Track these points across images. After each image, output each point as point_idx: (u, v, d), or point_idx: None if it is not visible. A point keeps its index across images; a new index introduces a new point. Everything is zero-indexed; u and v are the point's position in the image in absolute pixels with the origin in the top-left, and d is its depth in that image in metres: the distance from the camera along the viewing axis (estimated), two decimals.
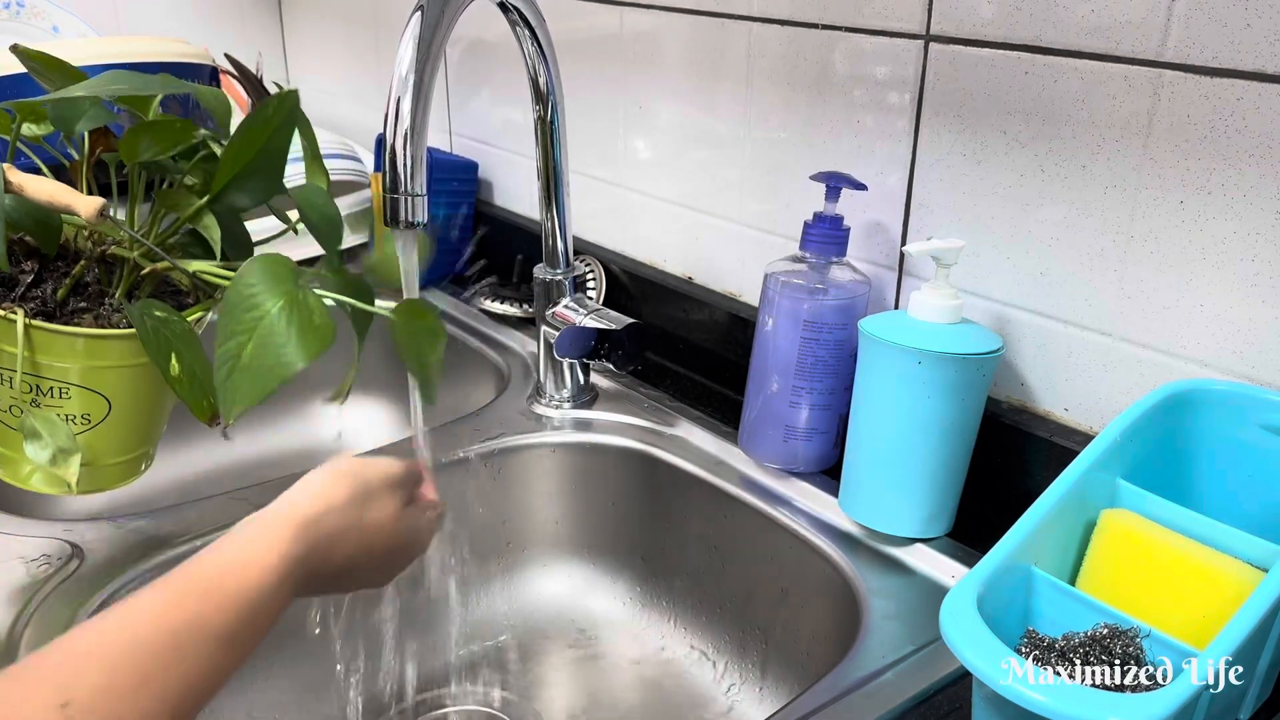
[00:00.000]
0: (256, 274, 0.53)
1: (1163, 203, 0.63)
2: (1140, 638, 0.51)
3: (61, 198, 0.56)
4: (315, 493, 0.52)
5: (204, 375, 0.57)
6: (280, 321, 0.52)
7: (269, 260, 0.54)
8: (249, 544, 0.47)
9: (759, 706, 0.78)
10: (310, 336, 0.52)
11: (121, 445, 0.65)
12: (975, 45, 0.69)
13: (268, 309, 0.52)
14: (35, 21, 1.27)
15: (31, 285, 0.61)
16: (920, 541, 0.71)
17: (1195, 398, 0.60)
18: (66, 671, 0.38)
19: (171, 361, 0.56)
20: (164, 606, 0.43)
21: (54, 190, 0.56)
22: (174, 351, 0.56)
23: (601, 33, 0.98)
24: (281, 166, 0.59)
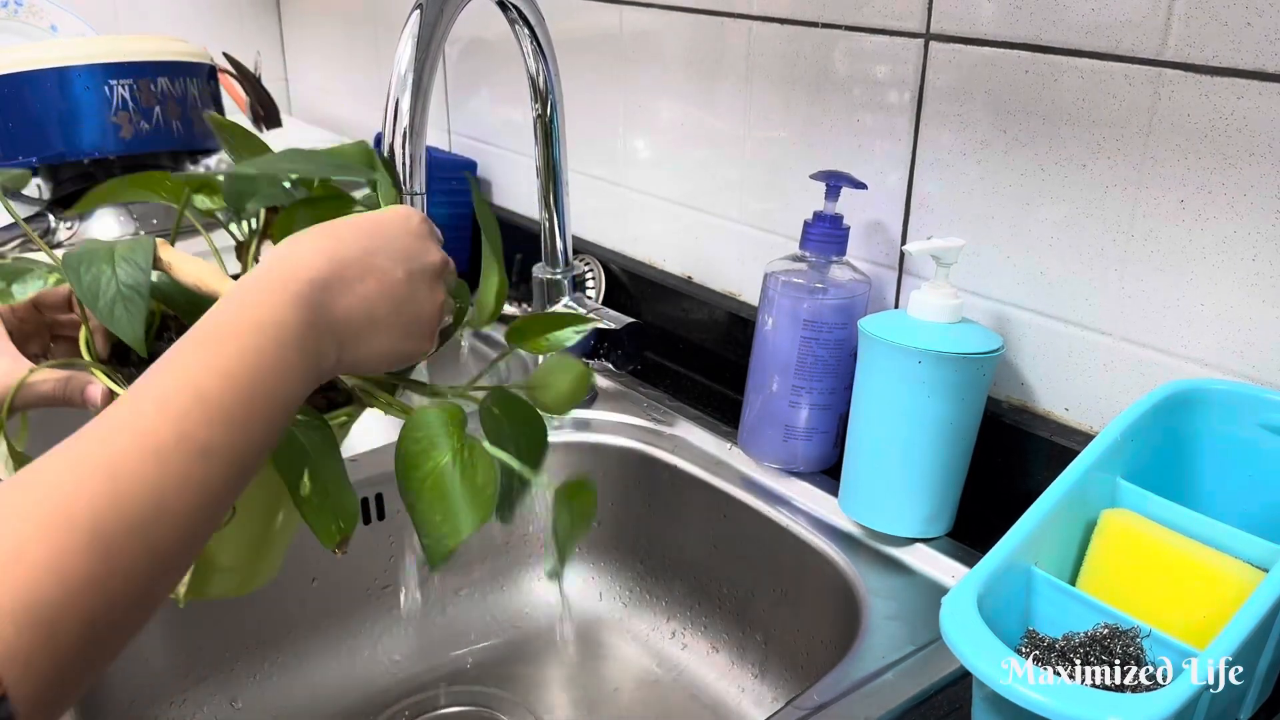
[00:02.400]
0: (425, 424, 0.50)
1: (1163, 202, 0.62)
2: (1140, 638, 0.51)
3: (208, 282, 0.52)
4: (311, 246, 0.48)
5: (337, 494, 0.51)
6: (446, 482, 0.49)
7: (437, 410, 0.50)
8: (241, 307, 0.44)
9: (759, 706, 0.78)
10: (474, 500, 0.48)
11: (242, 553, 0.59)
12: (975, 44, 0.69)
13: (432, 466, 0.49)
14: (34, 20, 1.27)
15: None
16: (920, 541, 0.70)
17: (1195, 397, 0.60)
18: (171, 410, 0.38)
19: (304, 478, 0.51)
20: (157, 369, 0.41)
21: (201, 272, 0.52)
22: (308, 466, 0.51)
23: (601, 31, 0.98)
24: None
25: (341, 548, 0.51)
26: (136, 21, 1.46)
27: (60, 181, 1.08)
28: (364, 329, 0.48)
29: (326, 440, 0.52)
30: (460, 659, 0.85)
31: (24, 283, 0.52)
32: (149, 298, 0.48)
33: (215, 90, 1.12)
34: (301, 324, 0.44)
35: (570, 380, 0.58)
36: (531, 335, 0.57)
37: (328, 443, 0.52)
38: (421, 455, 0.49)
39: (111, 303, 0.47)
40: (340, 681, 0.81)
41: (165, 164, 1.11)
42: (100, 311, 0.47)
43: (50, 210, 1.05)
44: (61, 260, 0.48)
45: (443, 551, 0.48)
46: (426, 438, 0.49)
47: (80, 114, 1.00)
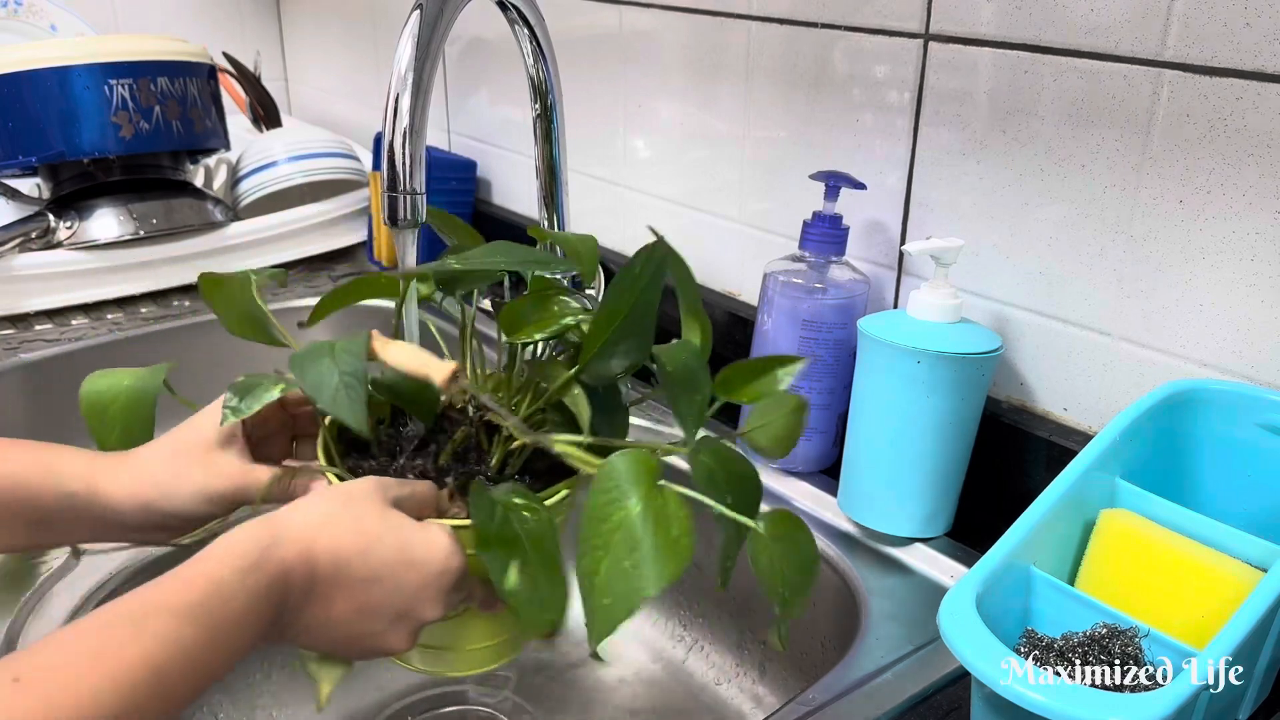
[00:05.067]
0: (615, 476, 0.46)
1: (1162, 202, 0.62)
2: (1139, 638, 0.51)
3: (417, 365, 0.52)
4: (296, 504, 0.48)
5: (548, 586, 0.48)
6: (635, 532, 0.44)
7: (631, 458, 0.46)
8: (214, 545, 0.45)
9: (759, 707, 0.78)
10: (668, 552, 0.44)
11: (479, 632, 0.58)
12: (975, 44, 0.69)
13: (620, 518, 0.45)
14: (34, 20, 1.27)
15: (415, 451, 0.56)
16: (919, 541, 0.70)
17: (1195, 397, 0.60)
18: (23, 654, 0.38)
19: (510, 571, 0.47)
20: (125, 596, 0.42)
21: (410, 357, 0.52)
22: (518, 558, 0.48)
23: (601, 31, 0.98)
24: (652, 324, 0.51)
25: (551, 637, 0.48)
26: (136, 21, 1.46)
27: (60, 181, 1.08)
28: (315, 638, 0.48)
29: (544, 526, 0.49)
30: None
31: (254, 397, 0.53)
32: (365, 383, 0.49)
33: (215, 90, 1.12)
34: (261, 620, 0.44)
35: (787, 417, 0.53)
36: (737, 385, 0.52)
37: (545, 529, 0.49)
38: (610, 506, 0.45)
39: (334, 392, 0.48)
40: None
41: (165, 163, 1.11)
42: (324, 401, 0.48)
43: (50, 210, 1.05)
44: (290, 361, 0.50)
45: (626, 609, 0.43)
46: (616, 487, 0.46)
47: (80, 114, 1.00)
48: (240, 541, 0.45)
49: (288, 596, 0.45)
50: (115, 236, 1.05)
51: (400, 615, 0.48)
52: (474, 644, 0.58)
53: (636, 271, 0.49)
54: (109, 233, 1.05)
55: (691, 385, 0.51)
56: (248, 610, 0.43)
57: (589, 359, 0.52)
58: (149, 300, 1.11)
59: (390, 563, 0.47)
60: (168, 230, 1.08)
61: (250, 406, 0.53)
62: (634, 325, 0.51)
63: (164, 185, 1.10)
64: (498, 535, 0.48)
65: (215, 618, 0.42)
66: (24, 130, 1.00)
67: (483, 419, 0.56)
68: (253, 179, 1.18)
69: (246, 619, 0.43)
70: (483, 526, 0.48)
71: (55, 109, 1.00)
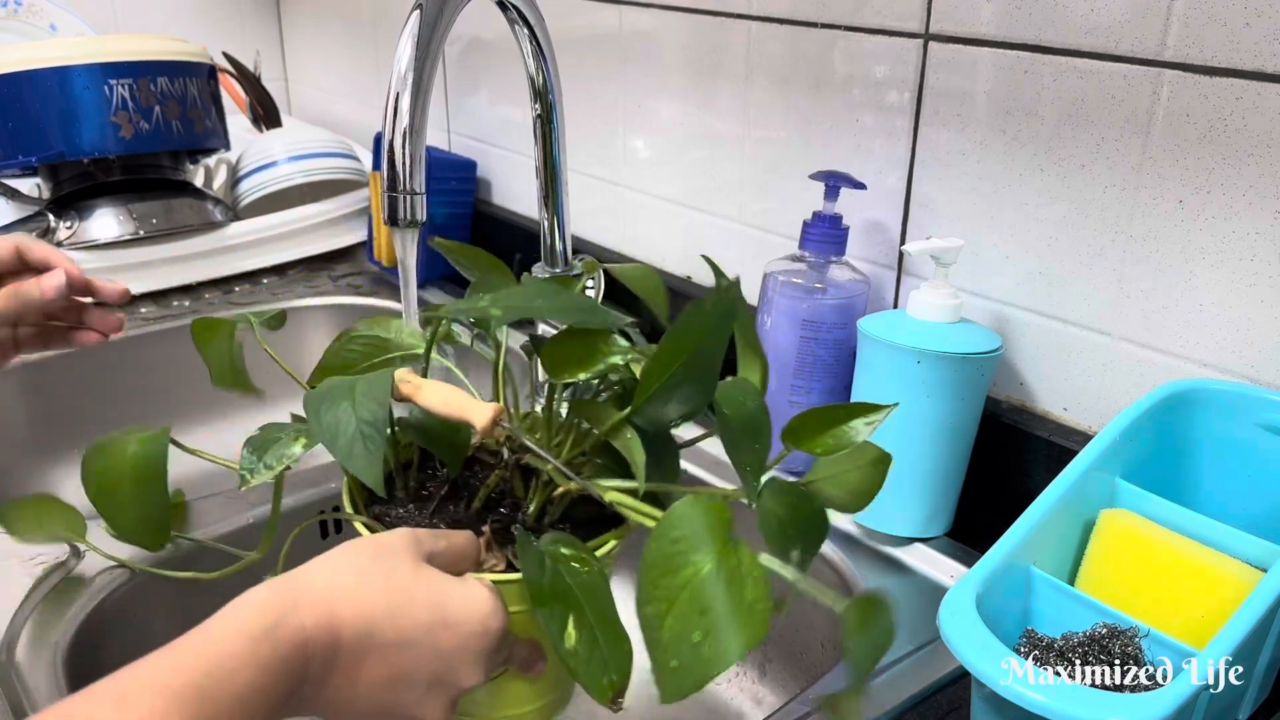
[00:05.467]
0: (681, 523, 0.42)
1: (1162, 202, 0.62)
2: (1139, 638, 0.51)
3: (456, 408, 0.48)
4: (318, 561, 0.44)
5: (609, 642, 0.44)
6: (706, 593, 0.40)
7: (701, 504, 0.42)
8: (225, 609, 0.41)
9: (758, 707, 0.78)
10: (742, 620, 0.39)
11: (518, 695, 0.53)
12: (975, 44, 0.69)
13: (690, 574, 0.40)
14: (33, 20, 1.27)
15: (446, 498, 0.53)
16: (919, 541, 0.70)
17: (1194, 397, 0.60)
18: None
19: (569, 629, 0.43)
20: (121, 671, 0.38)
21: (448, 397, 0.48)
22: (573, 614, 0.44)
23: (600, 31, 0.98)
24: (716, 370, 0.46)
25: (616, 704, 0.44)
26: (136, 21, 1.46)
27: (60, 181, 1.08)
28: (340, 713, 0.43)
29: (596, 580, 0.45)
30: None
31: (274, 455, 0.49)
32: (386, 434, 0.44)
33: (215, 90, 1.12)
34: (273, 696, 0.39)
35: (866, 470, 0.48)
36: (807, 435, 0.48)
37: (598, 583, 0.45)
38: (678, 559, 0.41)
39: (350, 442, 0.44)
40: None
41: (165, 163, 1.11)
42: (339, 451, 0.44)
43: (50, 210, 1.05)
44: (305, 402, 0.45)
45: (696, 679, 0.39)
46: (685, 538, 0.41)
47: (80, 114, 1.00)
48: (252, 604, 0.40)
49: (308, 667, 0.40)
50: (115, 236, 1.05)
51: (436, 682, 0.43)
52: (512, 709, 0.53)
53: (706, 311, 0.45)
54: (109, 233, 1.05)
55: (754, 433, 0.47)
56: (257, 685, 0.38)
57: (644, 401, 0.47)
58: (148, 300, 1.11)
59: (424, 624, 0.43)
60: (167, 230, 1.08)
61: (271, 467, 0.48)
62: (698, 369, 0.46)
63: (164, 185, 1.10)
64: (551, 590, 0.43)
65: (214, 697, 0.37)
66: (24, 130, 1.00)
67: (518, 462, 0.52)
68: (253, 179, 1.18)
69: (255, 696, 0.38)
70: (533, 581, 0.44)
71: (55, 109, 1.00)
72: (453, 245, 0.60)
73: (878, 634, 0.43)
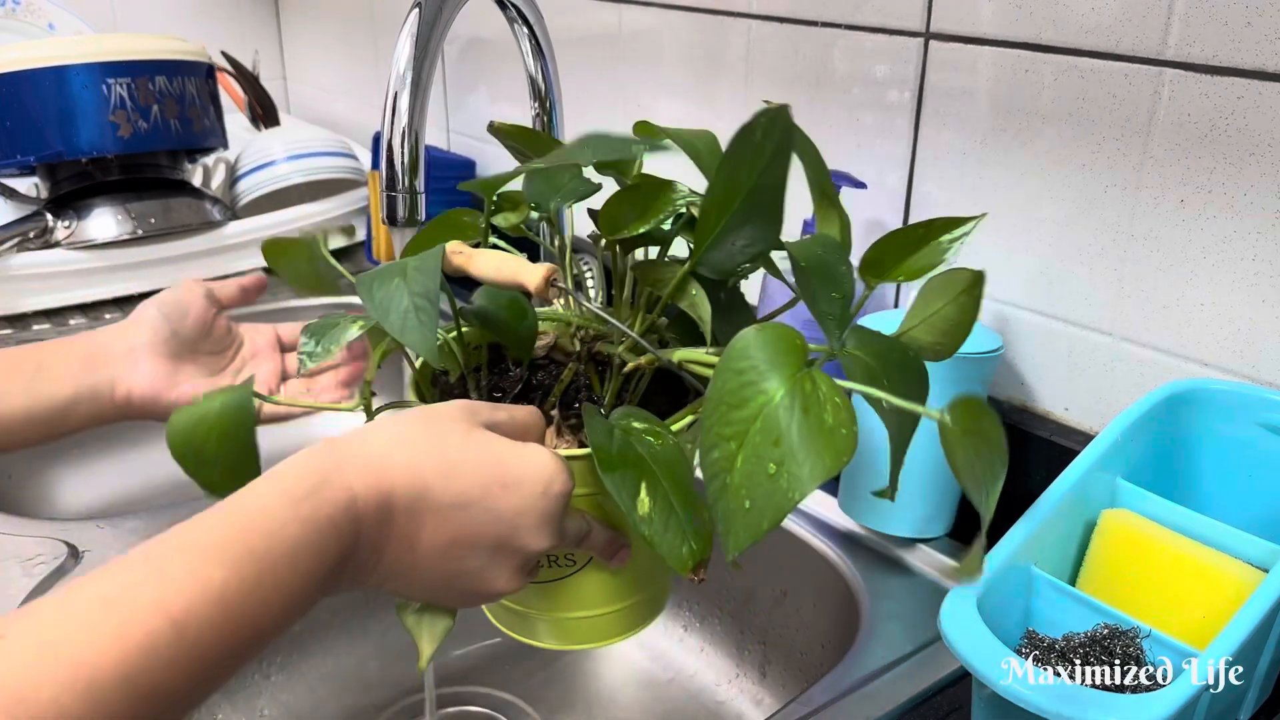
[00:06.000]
0: (749, 352, 0.38)
1: (1163, 201, 0.62)
2: (1140, 638, 0.51)
3: (508, 271, 0.46)
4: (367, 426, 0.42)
5: (686, 510, 0.41)
6: (779, 422, 0.36)
7: (769, 332, 0.39)
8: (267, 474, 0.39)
9: (759, 707, 0.77)
10: (822, 444, 0.36)
11: (603, 593, 0.50)
12: (975, 43, 0.69)
13: (761, 403, 0.37)
14: (31, 19, 1.27)
15: (519, 396, 0.50)
16: (920, 541, 0.70)
17: (1196, 397, 0.60)
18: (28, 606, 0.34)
19: (641, 495, 0.41)
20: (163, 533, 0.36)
21: (500, 263, 0.46)
22: (644, 480, 0.41)
23: (600, 30, 0.98)
24: (780, 208, 0.42)
25: (699, 573, 0.41)
26: (134, 20, 1.46)
27: (58, 180, 1.07)
28: (405, 581, 0.41)
29: (671, 449, 0.43)
30: (461, 659, 0.85)
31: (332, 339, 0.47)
32: (438, 304, 0.42)
33: (213, 89, 1.11)
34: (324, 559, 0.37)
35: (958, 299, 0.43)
36: (890, 264, 0.43)
37: (673, 452, 0.42)
38: (747, 390, 0.37)
39: (404, 315, 0.41)
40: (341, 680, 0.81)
41: (163, 163, 1.10)
42: (392, 325, 0.41)
43: (48, 209, 1.05)
44: (357, 283, 0.44)
45: (773, 514, 0.36)
46: (752, 368, 0.38)
47: (78, 113, 1.00)
48: (295, 465, 0.39)
49: (359, 529, 0.38)
50: (113, 236, 1.05)
51: (500, 546, 0.41)
52: (597, 609, 0.50)
53: (758, 139, 0.40)
54: (107, 232, 1.05)
55: (832, 278, 0.43)
56: (303, 546, 0.36)
57: (705, 247, 0.43)
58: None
59: (483, 482, 0.40)
60: (166, 230, 1.08)
61: (329, 350, 0.47)
62: (758, 205, 0.42)
63: (162, 185, 1.10)
64: (620, 457, 0.41)
65: (256, 556, 0.35)
66: (22, 130, 1.00)
67: (591, 353, 0.50)
68: (251, 178, 1.18)
69: (302, 557, 0.36)
70: (601, 448, 0.41)
71: (53, 108, 0.99)
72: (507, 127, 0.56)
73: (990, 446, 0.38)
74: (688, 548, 0.41)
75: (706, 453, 0.37)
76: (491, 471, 0.41)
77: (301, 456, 0.39)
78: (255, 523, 0.36)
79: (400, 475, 0.39)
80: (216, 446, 0.48)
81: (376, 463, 0.39)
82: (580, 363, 0.49)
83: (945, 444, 0.38)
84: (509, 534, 0.41)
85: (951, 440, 0.38)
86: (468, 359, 0.51)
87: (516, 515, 0.41)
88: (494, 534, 0.41)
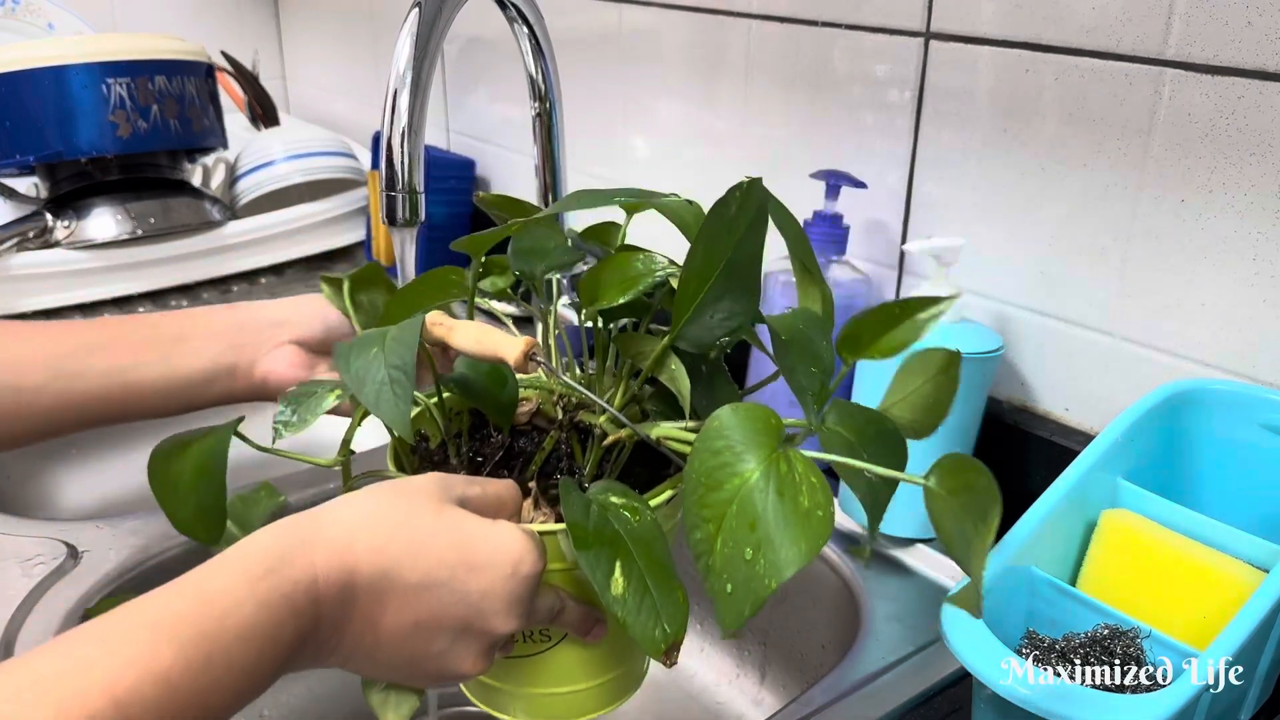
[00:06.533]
0: (724, 431, 0.38)
1: (1164, 201, 0.62)
2: (1140, 638, 0.51)
3: (488, 344, 0.45)
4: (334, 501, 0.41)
5: (662, 591, 0.40)
6: (755, 505, 0.36)
7: (744, 411, 0.38)
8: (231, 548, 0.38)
9: (759, 707, 0.77)
10: (798, 529, 0.36)
11: (578, 669, 0.49)
12: (976, 43, 0.69)
13: (736, 485, 0.37)
14: (30, 19, 1.27)
15: (500, 463, 0.49)
16: (920, 542, 0.70)
17: (1196, 397, 0.60)
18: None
19: (615, 574, 0.40)
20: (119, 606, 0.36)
21: (480, 335, 0.46)
22: (620, 558, 0.40)
23: (600, 30, 0.98)
24: (756, 280, 0.42)
25: (671, 656, 0.40)
26: (134, 20, 1.46)
27: (58, 180, 1.07)
28: (368, 661, 0.40)
29: (649, 526, 0.42)
30: None
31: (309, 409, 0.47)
32: (414, 377, 0.41)
33: (213, 89, 1.11)
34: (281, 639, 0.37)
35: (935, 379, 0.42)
36: (867, 341, 0.43)
37: (651, 530, 0.41)
38: (722, 471, 0.37)
39: (378, 387, 0.41)
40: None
41: (163, 163, 1.10)
42: (366, 397, 0.41)
43: (47, 209, 1.05)
44: (334, 351, 0.43)
45: (752, 600, 0.36)
46: (728, 448, 0.37)
47: (77, 113, 1.00)
48: (259, 542, 0.38)
49: (319, 610, 0.38)
50: (113, 236, 1.05)
51: (465, 628, 0.41)
52: (572, 685, 0.49)
53: (733, 213, 0.40)
54: (106, 232, 1.05)
55: (811, 353, 0.43)
56: (257, 628, 0.35)
57: (684, 321, 0.43)
58: (146, 300, 1.10)
59: (448, 564, 0.40)
60: (165, 230, 1.08)
61: (305, 420, 0.46)
62: (735, 278, 0.41)
63: (162, 184, 1.10)
64: (596, 534, 0.40)
65: (209, 637, 0.34)
66: (21, 129, 1.00)
67: (573, 422, 0.49)
68: (251, 178, 1.18)
69: (258, 636, 0.35)
70: (576, 524, 0.40)
71: (53, 108, 0.99)
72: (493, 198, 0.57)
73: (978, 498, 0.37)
74: (660, 630, 0.40)
75: (689, 532, 0.37)
76: (459, 553, 0.40)
77: (268, 531, 0.39)
78: (211, 601, 0.35)
79: (365, 554, 0.39)
80: (191, 481, 0.48)
81: (342, 541, 0.39)
82: (562, 431, 0.49)
83: (931, 509, 0.38)
84: (475, 616, 0.40)
85: (939, 504, 0.38)
86: (449, 425, 0.50)
87: (483, 598, 0.40)
88: (460, 616, 0.40)
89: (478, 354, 0.46)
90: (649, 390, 0.49)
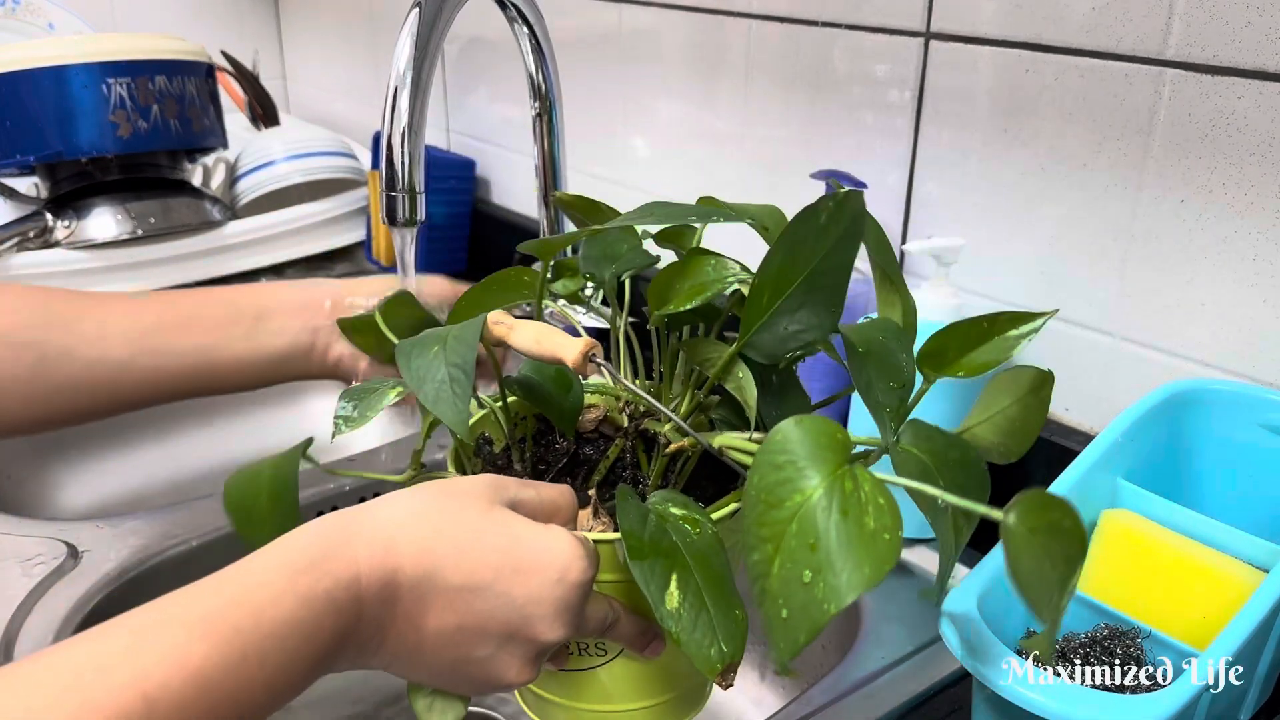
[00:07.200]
0: (787, 445, 0.35)
1: (1164, 201, 0.62)
2: (1141, 638, 0.51)
3: (548, 345, 0.44)
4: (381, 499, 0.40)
5: (719, 608, 0.38)
6: (816, 524, 0.34)
7: (808, 424, 0.36)
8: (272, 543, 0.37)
9: (759, 707, 0.77)
10: (861, 551, 0.34)
11: (634, 686, 0.47)
12: (976, 43, 0.69)
13: (798, 502, 0.34)
14: (31, 18, 1.27)
15: (562, 470, 0.48)
16: (920, 542, 0.70)
17: (1196, 397, 0.60)
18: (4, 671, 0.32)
19: (670, 587, 0.38)
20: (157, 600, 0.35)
21: (540, 335, 0.44)
22: (676, 571, 0.38)
23: (600, 30, 0.98)
24: (842, 294, 0.40)
25: (728, 677, 0.38)
26: (134, 19, 1.46)
27: (58, 180, 1.07)
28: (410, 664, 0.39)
29: (708, 541, 0.40)
30: None
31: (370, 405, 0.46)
32: (473, 376, 0.40)
33: (213, 89, 1.11)
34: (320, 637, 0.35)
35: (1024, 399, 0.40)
36: (952, 357, 0.41)
37: (710, 544, 0.40)
38: (783, 487, 0.35)
39: (438, 386, 0.40)
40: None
41: (163, 162, 1.10)
42: (425, 396, 0.40)
43: (47, 209, 1.05)
44: (396, 350, 0.42)
45: (809, 627, 0.34)
46: (790, 463, 0.35)
47: (78, 113, 1.00)
48: (302, 535, 0.37)
49: (361, 608, 0.37)
50: (113, 236, 1.05)
51: (511, 634, 0.39)
52: (628, 703, 0.47)
53: (822, 222, 0.39)
54: (107, 232, 1.05)
55: (890, 367, 0.40)
56: (294, 624, 0.34)
57: (755, 327, 0.41)
58: None
59: (496, 565, 0.38)
60: (165, 230, 1.08)
61: (366, 415, 0.45)
62: (818, 289, 0.39)
63: (162, 184, 1.10)
64: (651, 545, 0.38)
65: (242, 633, 0.33)
66: (21, 129, 1.00)
67: (639, 429, 0.48)
68: (251, 178, 1.18)
69: (296, 634, 0.34)
70: (631, 533, 0.38)
71: (53, 108, 0.99)
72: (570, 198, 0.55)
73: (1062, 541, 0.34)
74: (716, 649, 0.38)
75: (748, 554, 0.35)
76: (505, 555, 0.38)
77: (312, 525, 0.38)
78: (248, 596, 0.34)
79: (409, 553, 0.38)
80: (267, 509, 0.47)
81: (385, 538, 0.38)
82: (628, 439, 0.47)
83: (1009, 549, 0.34)
84: (520, 622, 0.39)
85: (1017, 543, 0.33)
86: (514, 430, 0.49)
87: (529, 603, 0.38)
88: (504, 621, 0.39)
89: (537, 354, 0.45)
90: (715, 399, 0.47)
